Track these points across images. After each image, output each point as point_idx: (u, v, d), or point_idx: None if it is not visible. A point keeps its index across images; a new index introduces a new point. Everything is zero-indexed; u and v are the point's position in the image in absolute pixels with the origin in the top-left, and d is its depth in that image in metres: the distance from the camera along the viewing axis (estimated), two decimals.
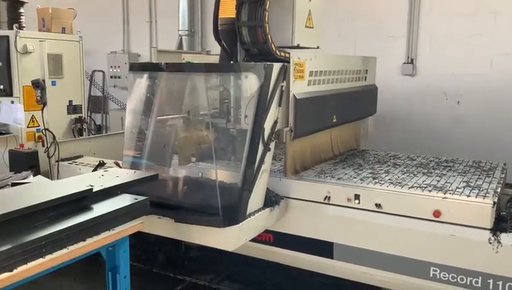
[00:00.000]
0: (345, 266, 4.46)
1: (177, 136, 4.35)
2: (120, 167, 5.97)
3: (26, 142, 6.45)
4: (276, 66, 4.05)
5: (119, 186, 3.56)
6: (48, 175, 6.12)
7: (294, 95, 4.24)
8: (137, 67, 4.59)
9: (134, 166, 4.34)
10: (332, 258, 4.49)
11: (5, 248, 2.57)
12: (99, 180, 3.64)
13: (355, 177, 4.66)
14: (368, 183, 4.46)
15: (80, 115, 7.26)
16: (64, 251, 2.86)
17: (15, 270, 2.59)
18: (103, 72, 10.00)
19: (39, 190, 3.43)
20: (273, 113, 4.04)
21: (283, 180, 4.59)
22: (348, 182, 4.54)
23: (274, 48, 4.27)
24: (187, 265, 5.73)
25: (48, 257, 2.77)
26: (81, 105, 7.31)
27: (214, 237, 3.83)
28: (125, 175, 3.84)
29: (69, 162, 6.26)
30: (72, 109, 7.17)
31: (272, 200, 4.29)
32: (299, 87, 4.31)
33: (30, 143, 6.47)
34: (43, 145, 6.31)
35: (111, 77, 9.66)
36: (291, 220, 4.57)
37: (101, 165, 6.08)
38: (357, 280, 4.52)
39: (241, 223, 3.84)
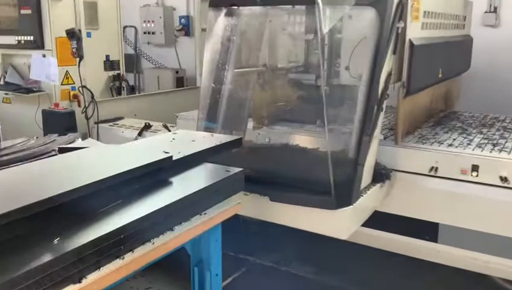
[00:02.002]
0: (452, 251, 3.67)
1: (265, 92, 3.37)
2: (169, 130, 5.12)
3: (61, 101, 5.59)
4: (395, 0, 3.04)
5: (202, 153, 2.62)
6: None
7: (410, 40, 3.24)
8: (220, 1, 3.39)
9: (208, 130, 3.39)
10: (436, 242, 3.71)
11: (72, 247, 1.66)
12: (173, 146, 2.71)
13: (469, 144, 3.72)
14: (490, 152, 3.52)
15: (118, 71, 6.32)
16: (148, 246, 1.95)
17: (84, 281, 1.69)
18: (135, 28, 8.97)
19: (99, 158, 2.49)
20: (387, 63, 3.06)
21: (380, 148, 3.64)
22: (461, 149, 3.60)
23: None
24: (249, 243, 4.86)
25: (128, 257, 1.86)
26: (118, 61, 6.36)
27: (323, 222, 2.93)
28: (202, 139, 2.90)
29: (109, 124, 5.48)
30: (109, 65, 6.23)
31: (381, 173, 3.36)
32: (414, 31, 3.31)
33: (65, 102, 5.64)
34: (79, 105, 5.60)
35: (144, 33, 8.63)
36: None
37: (146, 127, 5.28)
38: (466, 268, 3.69)
39: (354, 204, 2.93)
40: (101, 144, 2.99)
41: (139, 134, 5.20)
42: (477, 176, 3.42)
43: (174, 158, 2.42)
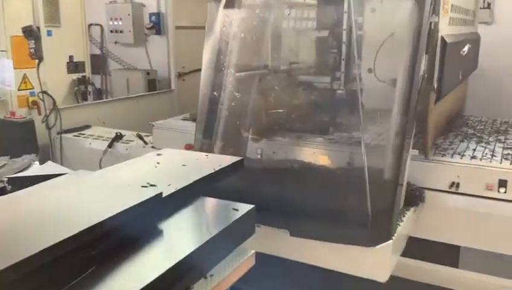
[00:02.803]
0: (475, 277, 3.27)
1: (272, 98, 2.73)
2: (144, 141, 4.46)
3: (18, 108, 4.94)
4: None
5: (198, 184, 1.96)
6: (48, 151, 4.62)
7: (442, 37, 2.67)
8: None
9: (203, 146, 2.72)
10: (457, 267, 3.34)
11: None
12: (159, 174, 2.04)
13: (493, 156, 3.23)
14: None
15: (84, 74, 5.60)
16: None
17: None
18: (101, 26, 8.20)
19: (55, 202, 1.74)
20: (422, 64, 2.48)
21: None
22: (486, 162, 3.11)
23: None
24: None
25: None
26: (83, 62, 5.65)
27: (358, 262, 2.35)
28: (195, 162, 2.23)
29: (74, 134, 4.87)
30: (74, 66, 5.54)
31: (414, 195, 2.79)
32: (444, 27, 2.76)
33: (22, 110, 4.99)
34: (40, 113, 4.99)
35: (111, 32, 7.88)
36: None
37: (118, 138, 4.61)
38: None
39: (393, 237, 2.34)
40: (63, 170, 2.27)
41: (109, 146, 4.52)
42: (505, 192, 3.00)
43: (164, 194, 1.75)
